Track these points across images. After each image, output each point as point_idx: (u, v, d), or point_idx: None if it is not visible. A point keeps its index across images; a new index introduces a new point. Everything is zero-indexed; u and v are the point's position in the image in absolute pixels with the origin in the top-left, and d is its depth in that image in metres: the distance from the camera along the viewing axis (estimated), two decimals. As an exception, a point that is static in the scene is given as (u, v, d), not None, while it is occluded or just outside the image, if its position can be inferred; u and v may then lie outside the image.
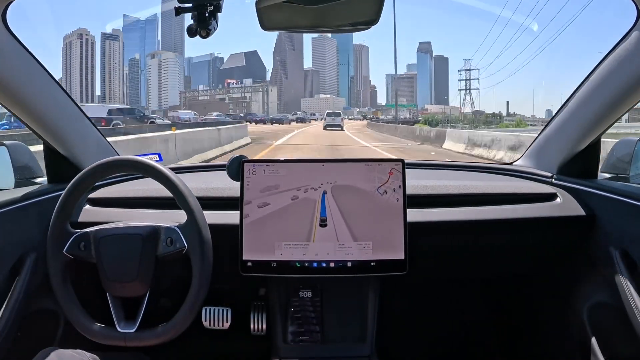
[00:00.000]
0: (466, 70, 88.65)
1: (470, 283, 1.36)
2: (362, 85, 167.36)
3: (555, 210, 1.05)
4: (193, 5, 0.77)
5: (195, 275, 0.84)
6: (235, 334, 1.07)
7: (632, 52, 0.86)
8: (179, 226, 0.87)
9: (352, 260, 0.94)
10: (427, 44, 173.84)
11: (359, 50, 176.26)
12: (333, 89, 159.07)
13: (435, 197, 1.08)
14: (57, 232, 0.87)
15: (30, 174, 1.16)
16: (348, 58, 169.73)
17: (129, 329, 0.85)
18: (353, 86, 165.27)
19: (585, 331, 1.01)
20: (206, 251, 0.84)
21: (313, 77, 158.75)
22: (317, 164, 0.95)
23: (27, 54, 0.92)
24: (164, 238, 0.87)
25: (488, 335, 1.41)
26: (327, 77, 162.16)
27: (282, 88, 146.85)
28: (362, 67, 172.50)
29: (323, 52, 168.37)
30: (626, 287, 0.87)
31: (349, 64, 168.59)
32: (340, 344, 1.01)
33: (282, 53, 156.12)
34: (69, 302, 0.87)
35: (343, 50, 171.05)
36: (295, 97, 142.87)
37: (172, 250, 0.86)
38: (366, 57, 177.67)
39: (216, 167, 1.38)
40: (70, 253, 0.87)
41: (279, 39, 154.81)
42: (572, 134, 1.08)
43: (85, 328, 0.86)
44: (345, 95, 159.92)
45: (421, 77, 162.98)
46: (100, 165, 0.88)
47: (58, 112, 1.05)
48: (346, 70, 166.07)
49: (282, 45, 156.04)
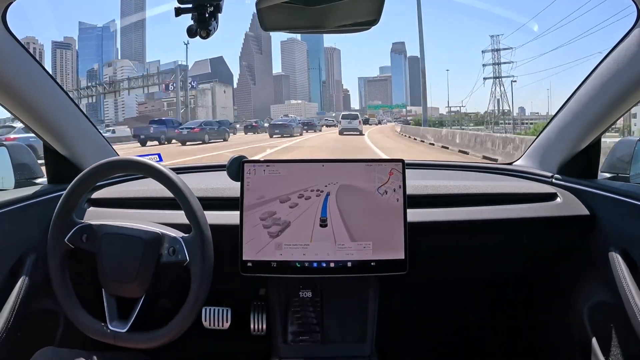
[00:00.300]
0: (494, 50, 58.05)
1: (471, 283, 1.36)
2: (335, 89, 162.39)
3: (555, 210, 1.05)
4: (193, 5, 0.77)
5: (193, 289, 0.84)
6: (235, 334, 1.07)
7: (632, 52, 0.86)
8: (183, 238, 0.87)
9: (352, 260, 0.94)
10: (401, 44, 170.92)
11: (330, 54, 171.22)
12: (304, 94, 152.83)
13: (436, 197, 1.08)
14: (60, 221, 0.88)
15: (30, 174, 1.16)
16: (319, 62, 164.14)
17: (121, 329, 0.85)
18: (325, 90, 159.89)
19: (585, 331, 1.01)
20: (207, 268, 0.84)
21: (283, 82, 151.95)
22: (317, 164, 0.95)
23: (27, 54, 0.92)
24: (167, 246, 0.87)
25: (488, 335, 1.41)
26: (298, 82, 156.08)
27: (249, 94, 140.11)
28: (334, 70, 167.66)
29: (292, 56, 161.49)
30: (626, 287, 0.87)
31: (320, 68, 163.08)
32: (340, 344, 1.01)
33: (249, 57, 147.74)
34: (64, 291, 0.87)
35: (314, 54, 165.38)
36: (265, 103, 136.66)
37: (174, 260, 0.86)
38: (338, 60, 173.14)
39: (216, 167, 1.38)
40: (72, 243, 0.88)
41: (245, 43, 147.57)
42: (572, 134, 1.08)
43: (77, 320, 0.86)
44: (318, 100, 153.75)
45: (396, 78, 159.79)
46: (102, 165, 0.88)
47: (58, 113, 1.05)
48: (317, 74, 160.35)
49: (249, 49, 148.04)
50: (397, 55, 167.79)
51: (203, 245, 0.84)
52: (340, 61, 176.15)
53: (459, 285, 1.37)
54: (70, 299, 0.87)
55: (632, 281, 0.87)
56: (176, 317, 0.84)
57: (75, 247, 0.88)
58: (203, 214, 0.86)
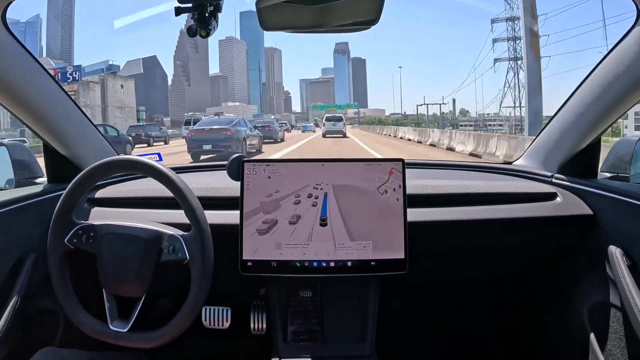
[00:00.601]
0: (509, 20, 41.99)
1: (470, 283, 1.36)
2: (276, 92, 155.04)
3: (555, 210, 1.05)
4: (193, 5, 0.77)
5: (192, 288, 0.84)
6: (235, 334, 1.07)
7: (632, 52, 0.86)
8: (183, 236, 0.87)
9: (352, 260, 0.93)
10: (344, 44, 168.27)
11: (270, 54, 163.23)
12: (243, 95, 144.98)
13: (435, 197, 1.08)
14: (60, 222, 0.88)
15: (30, 174, 1.16)
16: (259, 62, 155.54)
17: (121, 328, 0.85)
18: (265, 92, 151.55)
19: (585, 331, 1.01)
20: (207, 267, 0.84)
21: (221, 83, 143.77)
22: (317, 163, 0.95)
23: (27, 54, 0.92)
24: (166, 245, 0.86)
25: (488, 335, 1.41)
26: (237, 83, 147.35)
27: (183, 96, 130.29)
28: (275, 72, 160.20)
29: (231, 56, 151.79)
30: (626, 287, 0.87)
31: (260, 69, 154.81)
32: (340, 344, 1.01)
33: (184, 57, 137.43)
34: (64, 291, 0.87)
35: (254, 54, 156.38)
36: (201, 106, 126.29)
37: (174, 259, 0.86)
38: (279, 61, 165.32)
39: (216, 167, 1.38)
40: (71, 243, 0.87)
41: (180, 41, 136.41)
42: (572, 134, 1.08)
43: (78, 319, 0.86)
44: (258, 102, 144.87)
45: (339, 79, 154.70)
46: (102, 165, 0.88)
47: (58, 112, 1.05)
48: (257, 76, 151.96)
49: (184, 48, 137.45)
50: (340, 55, 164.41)
51: (203, 243, 0.84)
52: (282, 62, 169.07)
53: (458, 285, 1.37)
54: (70, 299, 0.87)
55: (632, 281, 0.87)
56: (176, 316, 0.84)
57: (75, 248, 0.88)
58: (202, 212, 0.86)
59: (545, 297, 1.25)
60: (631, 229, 0.92)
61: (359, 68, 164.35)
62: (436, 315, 1.40)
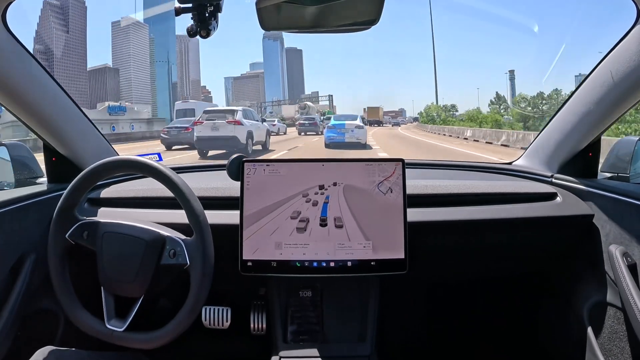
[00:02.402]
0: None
1: (470, 282, 1.36)
2: (192, 91, 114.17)
3: (555, 210, 1.05)
4: (193, 5, 0.77)
5: (192, 293, 0.84)
6: (235, 334, 1.07)
7: (632, 52, 0.86)
8: (184, 241, 0.87)
9: (352, 260, 0.94)
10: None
11: (185, 43, 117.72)
12: (146, 95, 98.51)
13: (435, 197, 1.08)
14: (62, 217, 0.88)
15: (30, 174, 1.16)
16: (168, 54, 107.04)
17: (118, 327, 0.85)
18: (177, 92, 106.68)
19: (585, 331, 1.01)
20: (207, 273, 0.84)
21: (108, 77, 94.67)
22: (317, 163, 0.95)
23: (27, 54, 0.92)
24: (168, 248, 0.86)
25: (488, 335, 1.41)
26: (135, 79, 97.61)
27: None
28: (190, 66, 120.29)
29: (127, 43, 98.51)
30: (626, 287, 0.87)
31: (169, 62, 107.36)
32: (340, 343, 1.01)
33: (48, 37, 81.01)
34: (64, 288, 0.87)
35: (161, 46, 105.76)
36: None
37: (174, 263, 0.86)
38: (195, 54, 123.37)
39: (216, 167, 1.38)
40: (73, 239, 0.88)
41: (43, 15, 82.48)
42: (572, 134, 1.08)
43: (75, 316, 0.87)
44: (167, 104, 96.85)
45: (270, 71, 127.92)
46: (103, 165, 0.88)
47: (58, 112, 1.05)
48: (166, 70, 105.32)
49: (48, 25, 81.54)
50: (272, 42, 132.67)
51: (204, 249, 0.84)
52: (199, 56, 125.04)
53: (458, 284, 1.37)
54: (69, 296, 0.87)
55: (632, 281, 0.87)
56: (174, 319, 0.84)
57: (75, 244, 0.88)
58: (205, 217, 0.86)
59: (545, 297, 1.25)
60: (631, 229, 0.92)
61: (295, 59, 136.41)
62: (436, 315, 1.40)
